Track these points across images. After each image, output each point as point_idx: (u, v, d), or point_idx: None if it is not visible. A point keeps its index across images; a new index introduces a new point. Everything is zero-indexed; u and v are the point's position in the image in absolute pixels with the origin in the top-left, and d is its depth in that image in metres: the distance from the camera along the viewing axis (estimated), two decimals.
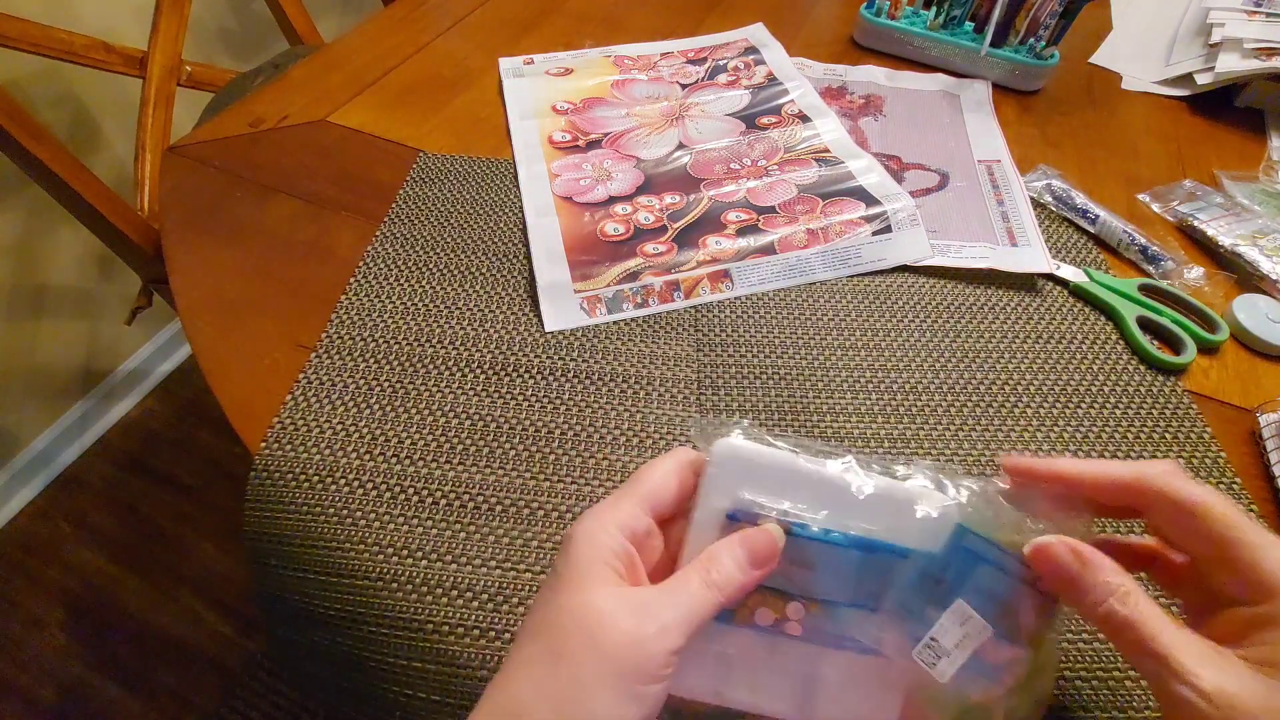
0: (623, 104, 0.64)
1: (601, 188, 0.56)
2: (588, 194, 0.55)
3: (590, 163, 0.58)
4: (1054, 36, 0.64)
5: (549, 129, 0.62)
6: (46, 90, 1.00)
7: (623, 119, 0.63)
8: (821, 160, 0.57)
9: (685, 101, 0.64)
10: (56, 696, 0.99)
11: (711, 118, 0.63)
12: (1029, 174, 0.58)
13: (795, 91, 0.64)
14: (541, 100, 0.65)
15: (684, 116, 0.63)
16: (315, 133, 0.61)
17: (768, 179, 0.56)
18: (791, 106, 0.63)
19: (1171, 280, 0.50)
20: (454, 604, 0.36)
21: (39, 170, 0.71)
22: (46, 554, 1.14)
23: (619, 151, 0.59)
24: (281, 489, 0.40)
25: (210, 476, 1.24)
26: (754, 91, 0.65)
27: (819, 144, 0.59)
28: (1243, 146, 0.62)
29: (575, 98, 0.65)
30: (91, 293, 1.19)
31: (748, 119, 0.62)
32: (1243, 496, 0.39)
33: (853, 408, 0.43)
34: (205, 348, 0.46)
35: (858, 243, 0.51)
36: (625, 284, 0.49)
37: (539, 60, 0.69)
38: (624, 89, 0.66)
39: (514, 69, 0.68)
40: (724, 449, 0.26)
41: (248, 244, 0.53)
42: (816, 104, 0.63)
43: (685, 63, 0.69)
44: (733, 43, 0.71)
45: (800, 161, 0.57)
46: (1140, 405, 0.43)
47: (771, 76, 0.66)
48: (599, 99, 0.65)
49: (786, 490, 0.26)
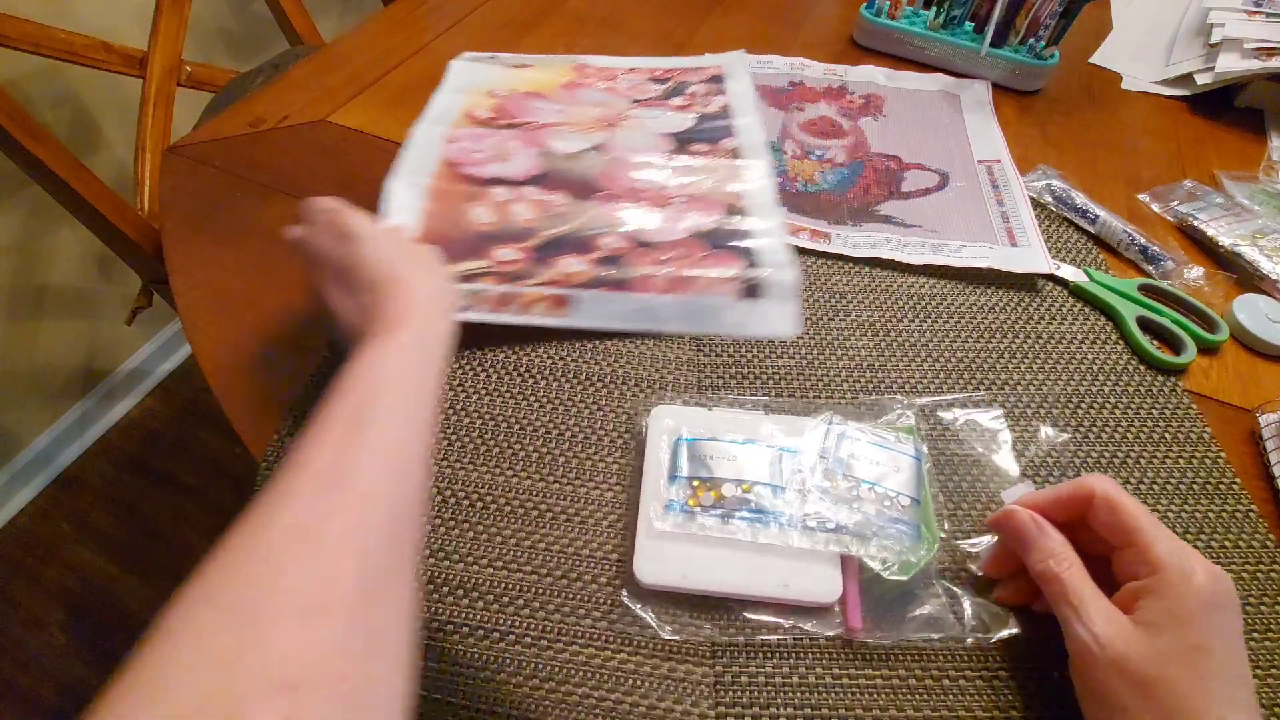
0: (562, 102, 0.62)
1: (494, 166, 0.52)
2: (476, 167, 0.52)
3: (495, 139, 0.55)
4: (1054, 36, 0.64)
5: (474, 106, 0.59)
6: (46, 90, 1.00)
7: (554, 113, 0.60)
8: (731, 208, 0.52)
9: (626, 112, 0.61)
10: (56, 696, 0.99)
11: (645, 132, 0.58)
12: (1029, 174, 0.58)
13: (742, 129, 0.59)
14: (481, 82, 0.63)
15: (618, 125, 0.59)
16: (315, 133, 0.61)
17: (664, 211, 0.51)
18: (730, 142, 0.57)
19: (1171, 280, 0.50)
20: (459, 603, 0.36)
21: (39, 170, 0.71)
22: (46, 554, 1.14)
23: (530, 137, 0.56)
24: None
25: (210, 476, 1.24)
26: (701, 119, 0.60)
27: (736, 189, 0.53)
28: (1243, 146, 0.62)
29: (519, 87, 0.63)
30: (91, 293, 1.19)
31: (681, 141, 0.58)
32: (1243, 497, 0.39)
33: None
34: (205, 348, 0.46)
35: (719, 304, 0.46)
36: (461, 284, 0.45)
37: (503, 58, 0.68)
38: (572, 92, 0.63)
39: (473, 58, 0.67)
40: (662, 410, 0.39)
41: (248, 244, 0.53)
42: (756, 146, 0.57)
43: (648, 80, 0.66)
44: (705, 68, 0.67)
45: (708, 203, 0.52)
46: (1140, 405, 0.43)
47: (725, 109, 0.61)
48: (540, 94, 0.62)
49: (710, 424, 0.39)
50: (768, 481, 0.36)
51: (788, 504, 0.35)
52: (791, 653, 0.34)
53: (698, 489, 0.36)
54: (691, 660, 0.34)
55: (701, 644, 0.34)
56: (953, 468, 0.40)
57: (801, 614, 0.34)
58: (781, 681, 0.33)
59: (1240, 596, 0.36)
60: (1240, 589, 0.36)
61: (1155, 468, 0.41)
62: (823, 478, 0.36)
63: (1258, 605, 0.36)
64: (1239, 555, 0.37)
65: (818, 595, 0.34)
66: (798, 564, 0.34)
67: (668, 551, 0.35)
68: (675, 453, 0.38)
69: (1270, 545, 0.38)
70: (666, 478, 0.37)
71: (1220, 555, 0.37)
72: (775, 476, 0.36)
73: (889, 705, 0.33)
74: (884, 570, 0.34)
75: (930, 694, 0.33)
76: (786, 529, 0.35)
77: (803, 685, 0.33)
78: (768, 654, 0.34)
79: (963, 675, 0.33)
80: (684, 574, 0.33)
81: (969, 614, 0.34)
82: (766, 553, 0.34)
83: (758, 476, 0.36)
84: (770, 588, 0.34)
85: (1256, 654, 0.34)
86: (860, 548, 0.34)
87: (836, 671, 0.33)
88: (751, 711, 0.32)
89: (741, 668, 0.34)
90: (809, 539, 0.34)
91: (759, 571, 0.34)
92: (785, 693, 0.33)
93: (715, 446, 0.37)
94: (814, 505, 0.35)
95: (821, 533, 0.35)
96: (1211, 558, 0.37)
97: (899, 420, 0.40)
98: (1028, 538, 0.32)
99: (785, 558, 0.34)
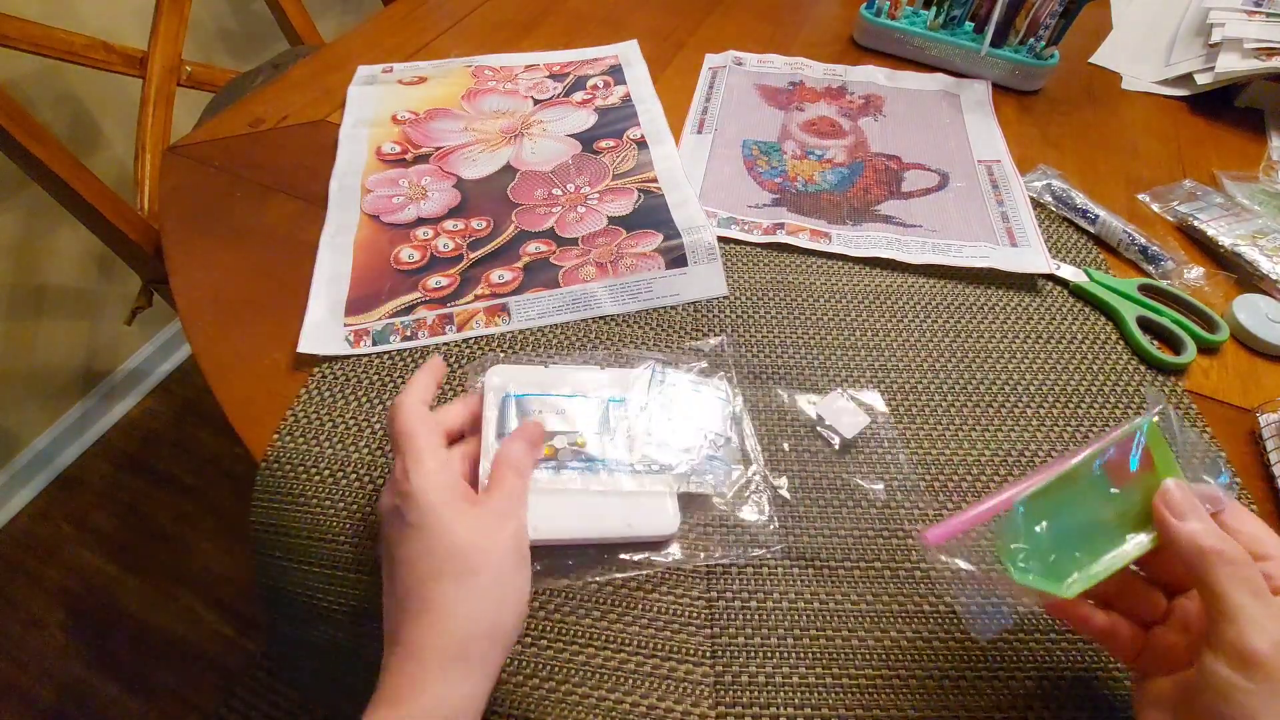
0: (466, 117, 0.62)
1: (413, 208, 0.54)
2: (396, 213, 0.54)
3: (408, 179, 0.56)
4: (1054, 36, 0.64)
5: (380, 139, 0.60)
6: (46, 90, 0.99)
7: (459, 133, 0.60)
8: (645, 191, 0.55)
9: (529, 118, 0.62)
10: (56, 696, 0.99)
11: (550, 137, 0.60)
12: (1029, 174, 0.58)
13: (644, 116, 0.62)
14: (383, 109, 0.63)
15: (523, 134, 0.61)
16: (315, 133, 0.61)
17: (581, 209, 0.54)
18: (635, 131, 0.60)
19: (1171, 280, 0.50)
20: None
21: (39, 170, 0.70)
22: (46, 554, 1.14)
23: (442, 169, 0.57)
24: (291, 481, 0.40)
25: (210, 476, 1.24)
26: (603, 113, 0.63)
27: (649, 174, 0.57)
28: (1243, 146, 0.62)
29: (419, 107, 0.63)
30: (91, 293, 1.19)
31: (586, 141, 0.60)
32: (1243, 496, 0.39)
33: None
34: (205, 348, 0.46)
35: (649, 277, 0.49)
36: (397, 317, 0.47)
37: (398, 69, 0.68)
38: (474, 101, 0.64)
39: (368, 76, 0.67)
40: (495, 369, 0.39)
41: (247, 244, 0.53)
42: (660, 130, 0.61)
43: (547, 77, 0.67)
44: (601, 59, 0.69)
45: (623, 192, 0.55)
46: (1141, 405, 0.43)
47: (626, 98, 0.64)
48: (444, 109, 0.63)
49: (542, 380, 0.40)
50: (597, 431, 0.38)
51: (616, 450, 0.38)
52: (791, 653, 0.34)
53: None
54: (691, 660, 0.34)
55: (552, 595, 0.36)
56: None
57: (650, 548, 0.37)
58: (782, 681, 0.33)
59: None
60: None
61: None
62: (646, 423, 0.39)
63: None
64: None
65: (659, 529, 0.36)
66: (637, 503, 0.37)
67: None
68: (504, 409, 0.38)
69: None
70: (494, 435, 0.36)
71: None
72: (604, 426, 0.38)
73: (889, 705, 0.33)
74: (715, 496, 0.38)
75: (931, 694, 0.33)
76: (616, 473, 0.37)
77: (803, 685, 0.33)
78: (768, 654, 0.34)
79: (962, 676, 0.33)
80: (533, 527, 0.34)
81: (776, 527, 0.38)
82: (605, 497, 0.36)
83: (587, 427, 0.38)
84: (615, 529, 0.36)
85: None
86: (683, 483, 0.37)
87: (836, 671, 0.34)
88: (751, 711, 0.32)
89: (742, 667, 0.34)
90: (637, 481, 0.37)
91: (602, 516, 0.36)
92: (785, 693, 0.33)
93: (543, 401, 0.38)
94: (640, 449, 0.38)
95: (648, 474, 0.37)
96: None
97: (709, 367, 0.44)
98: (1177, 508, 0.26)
99: (623, 499, 0.37)
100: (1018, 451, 0.41)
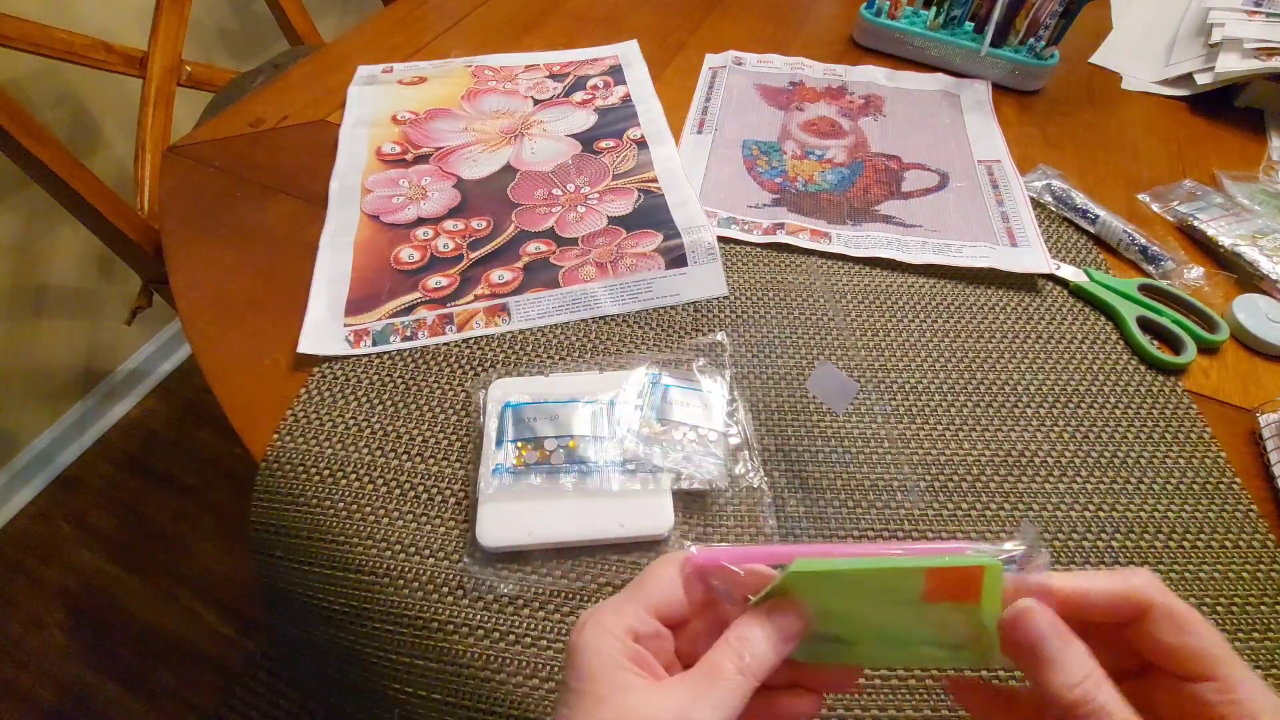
0: (466, 117, 0.62)
1: (413, 208, 0.54)
2: (396, 213, 0.54)
3: (408, 179, 0.56)
4: (1054, 36, 0.64)
5: (380, 139, 0.60)
6: (46, 90, 0.99)
7: (459, 134, 0.60)
8: (645, 191, 0.55)
9: (529, 119, 0.62)
10: (56, 696, 0.99)
11: (550, 138, 0.60)
12: (1029, 174, 0.58)
13: (643, 116, 0.62)
14: (383, 109, 0.63)
15: (523, 134, 0.60)
16: (315, 133, 0.61)
17: (581, 209, 0.54)
18: (634, 131, 0.61)
19: (1171, 280, 0.50)
20: (459, 603, 0.36)
21: (39, 170, 0.70)
22: (46, 554, 1.14)
23: (442, 169, 0.57)
24: (291, 481, 0.40)
25: (210, 476, 1.23)
26: (603, 113, 0.63)
27: (648, 174, 0.57)
28: (1243, 146, 0.62)
29: (419, 107, 0.63)
30: (91, 293, 1.19)
31: (586, 141, 0.60)
32: (1243, 497, 0.39)
33: (853, 408, 0.43)
34: (205, 348, 0.46)
35: (649, 277, 0.49)
36: (397, 317, 0.47)
37: (398, 69, 0.67)
38: (474, 101, 0.64)
39: (368, 76, 0.67)
40: (497, 383, 0.41)
41: (248, 244, 0.53)
42: (660, 130, 0.61)
43: (547, 77, 0.67)
44: (601, 59, 0.69)
45: (623, 192, 0.55)
46: (1140, 405, 0.43)
47: (626, 98, 0.64)
48: (444, 110, 0.63)
49: (539, 389, 0.41)
50: (590, 434, 0.39)
51: (609, 452, 0.38)
52: None
53: (522, 449, 0.39)
54: None
55: (550, 595, 0.36)
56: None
57: (642, 549, 0.37)
58: None
59: (1240, 596, 0.36)
60: (1240, 589, 0.36)
61: (1155, 468, 0.41)
62: (640, 424, 0.39)
63: (1258, 605, 0.36)
64: (1239, 555, 0.37)
65: (652, 529, 0.37)
66: (630, 504, 0.37)
67: (508, 514, 0.37)
68: (502, 420, 0.40)
69: (1270, 545, 0.38)
70: (494, 444, 0.39)
71: (1220, 555, 0.37)
72: (598, 428, 0.39)
73: (888, 705, 0.33)
74: (711, 494, 0.39)
75: (931, 694, 0.33)
76: (608, 474, 0.37)
77: None
78: None
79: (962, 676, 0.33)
80: (529, 530, 0.35)
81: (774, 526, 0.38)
82: (599, 498, 0.37)
83: (581, 430, 0.39)
84: (608, 530, 0.36)
85: (1256, 654, 0.34)
86: (678, 483, 0.38)
87: None
88: None
89: None
90: (629, 481, 0.37)
91: (595, 517, 0.37)
92: None
93: (538, 409, 0.40)
94: (635, 450, 0.38)
95: (640, 474, 0.38)
96: (1212, 558, 0.37)
97: (706, 366, 0.44)
98: (1048, 651, 0.21)
99: (617, 500, 0.37)
100: (1018, 452, 0.41)
